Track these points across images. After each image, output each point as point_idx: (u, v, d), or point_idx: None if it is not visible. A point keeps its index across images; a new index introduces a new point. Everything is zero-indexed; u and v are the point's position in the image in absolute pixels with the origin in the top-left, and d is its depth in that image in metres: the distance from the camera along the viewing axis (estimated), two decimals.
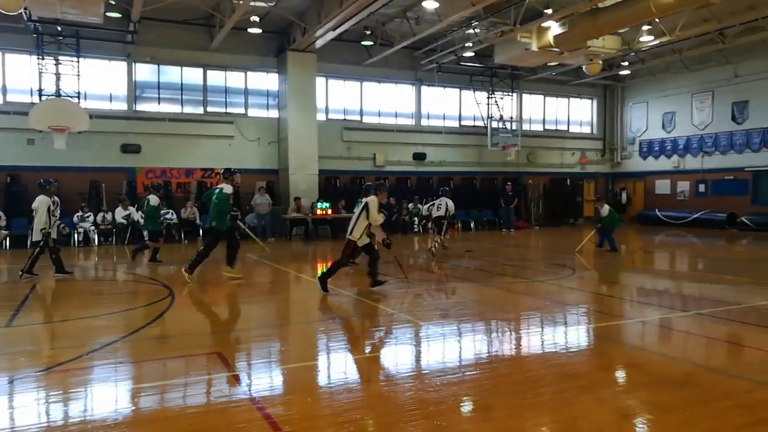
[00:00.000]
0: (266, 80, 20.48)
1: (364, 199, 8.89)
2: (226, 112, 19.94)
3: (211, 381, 4.70)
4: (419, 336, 6.30)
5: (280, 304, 8.74)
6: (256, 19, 16.61)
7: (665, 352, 5.81)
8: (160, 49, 18.57)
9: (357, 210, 8.95)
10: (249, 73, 20.23)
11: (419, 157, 22.86)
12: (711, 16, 17.00)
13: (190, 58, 19.09)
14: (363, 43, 20.20)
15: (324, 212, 18.34)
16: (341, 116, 21.86)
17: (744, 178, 21.47)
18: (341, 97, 21.86)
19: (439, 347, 5.90)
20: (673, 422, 3.81)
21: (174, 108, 19.27)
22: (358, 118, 22.14)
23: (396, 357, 5.57)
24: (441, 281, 10.45)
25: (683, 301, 8.69)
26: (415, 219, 20.48)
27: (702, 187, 23.20)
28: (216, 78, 19.88)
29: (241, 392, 4.44)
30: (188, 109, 19.48)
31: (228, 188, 9.75)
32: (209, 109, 19.73)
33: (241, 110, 20.24)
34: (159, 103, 19.07)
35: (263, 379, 4.85)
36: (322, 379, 4.93)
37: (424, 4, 15.87)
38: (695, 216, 21.51)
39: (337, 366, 5.34)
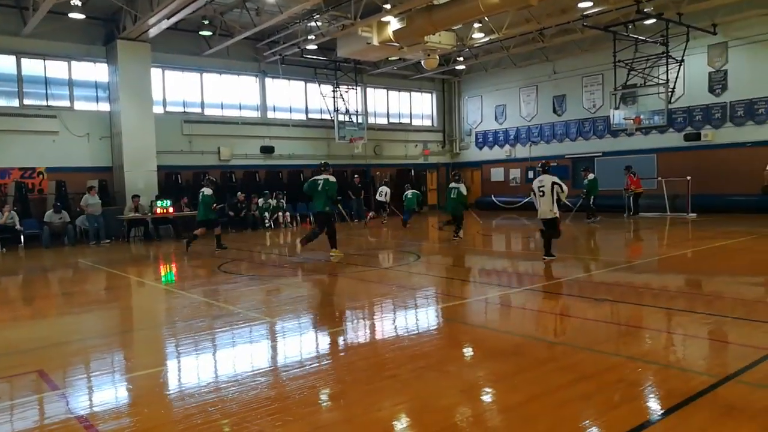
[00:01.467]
0: (94, 71, 18.81)
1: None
2: (47, 105, 18.01)
3: (30, 403, 4.22)
4: (268, 333, 6.19)
5: (116, 312, 8.10)
6: (78, 2, 15.14)
7: (500, 327, 6.29)
8: None
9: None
10: (73, 63, 18.44)
11: (267, 150, 22.47)
12: (531, 17, 18.62)
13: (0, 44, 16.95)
14: (201, 33, 19.32)
15: (165, 211, 17.29)
16: (181, 109, 20.77)
17: (565, 164, 23.86)
18: (180, 89, 20.75)
19: (289, 342, 5.84)
20: (505, 389, 4.14)
21: None
22: (199, 110, 21.18)
23: (242, 356, 5.42)
24: (292, 275, 10.36)
25: (517, 279, 9.45)
26: (266, 214, 20.09)
27: (531, 174, 25.39)
28: (33, 67, 17.86)
29: (65, 411, 4.03)
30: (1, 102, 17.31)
31: (332, 177, 11.71)
32: (26, 101, 17.69)
33: (66, 103, 18.41)
34: None
35: (95, 394, 4.46)
36: (162, 388, 4.64)
37: None
38: (526, 200, 23.46)
39: (180, 372, 5.07)
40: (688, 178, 17.37)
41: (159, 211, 17.20)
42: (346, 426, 3.61)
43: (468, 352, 5.32)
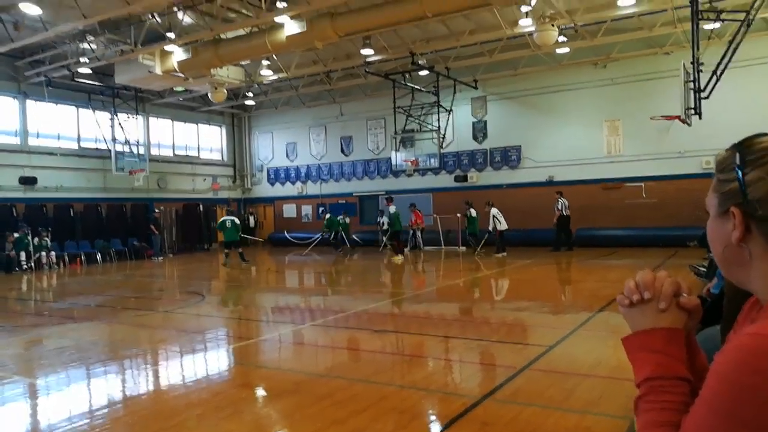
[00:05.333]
0: None
1: None
2: None
3: None
4: (18, 394, 5.34)
5: None
6: None
7: (281, 365, 6.25)
8: None
9: None
10: None
11: (28, 181, 19.79)
12: (318, 59, 19.40)
13: None
14: None
15: None
16: None
17: (353, 201, 24.95)
18: None
19: (46, 402, 5.10)
20: (284, 428, 4.11)
21: None
22: None
23: None
24: (56, 324, 9.14)
25: (301, 314, 9.51)
26: (23, 254, 17.56)
27: (321, 210, 26.06)
28: None
29: None
30: None
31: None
32: None
33: None
34: None
35: None
36: None
37: (22, 6, 13.74)
38: (318, 236, 23.97)
39: None
40: (459, 215, 19.34)
41: None
42: None
43: (251, 393, 5.17)
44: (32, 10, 13.86)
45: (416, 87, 20.25)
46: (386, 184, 24.26)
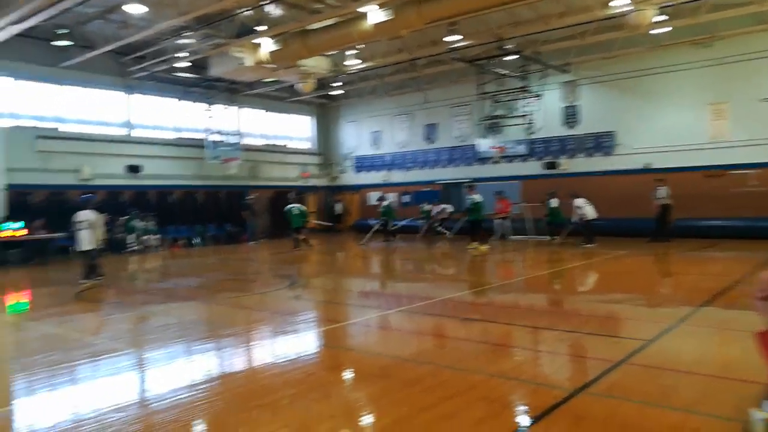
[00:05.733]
0: None
1: None
2: None
3: None
4: (134, 364, 5.77)
5: None
6: None
7: (372, 349, 6.35)
8: None
9: None
10: None
11: (133, 169, 21.19)
12: (404, 47, 19.38)
13: None
14: (55, 43, 17.86)
15: (14, 234, 15.66)
16: (34, 123, 19.04)
17: (437, 189, 24.84)
18: (34, 101, 19.05)
19: (158, 373, 5.48)
20: (374, 411, 4.19)
21: None
22: (55, 125, 19.55)
23: (102, 391, 4.99)
24: (161, 302, 9.77)
25: (387, 300, 9.62)
26: (132, 236, 18.87)
27: (406, 198, 26.15)
28: None
29: None
30: None
31: (479, 196, 16.00)
32: None
33: None
34: None
35: None
36: (11, 429, 4.16)
37: (126, 7, 14.64)
38: (402, 223, 24.09)
39: (32, 411, 4.56)
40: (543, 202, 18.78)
41: (6, 234, 15.55)
42: None
43: (342, 376, 5.31)
44: (137, 10, 14.74)
45: (503, 72, 19.80)
46: (471, 171, 23.96)
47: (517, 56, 19.09)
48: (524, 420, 3.97)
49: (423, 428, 3.82)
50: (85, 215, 10.78)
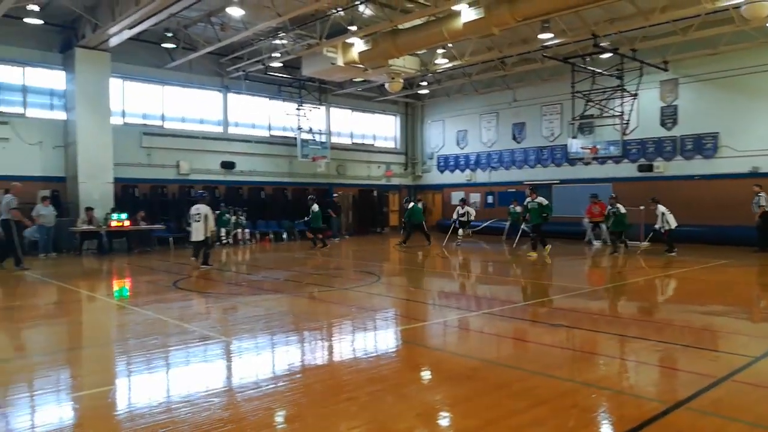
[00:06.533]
0: (50, 78, 18.31)
1: None
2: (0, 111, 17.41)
3: None
4: (222, 352, 6.06)
5: (64, 328, 7.80)
6: (36, 8, 14.78)
7: (458, 350, 6.31)
8: None
9: None
10: (28, 69, 17.91)
11: (228, 165, 22.21)
12: (493, 46, 19.10)
13: None
14: (163, 45, 19.06)
15: (120, 224, 16.84)
16: (140, 121, 20.37)
17: (523, 190, 24.26)
18: (140, 100, 20.39)
19: (243, 362, 5.72)
20: (461, 413, 4.15)
21: None
22: (159, 123, 20.82)
23: (197, 376, 5.28)
24: (251, 294, 10.19)
25: (475, 302, 9.53)
26: (223, 230, 19.76)
27: (490, 198, 25.79)
28: None
29: (14, 430, 3.85)
30: None
31: (544, 200, 15.27)
32: None
33: (19, 109, 17.83)
34: None
35: (40, 414, 4.27)
36: (113, 407, 4.48)
37: (228, 10, 15.45)
38: (486, 224, 23.78)
39: (132, 391, 4.90)
40: (641, 207, 17.91)
41: (114, 224, 16.73)
42: None
43: (425, 375, 5.32)
44: (236, 12, 15.45)
45: (597, 70, 19.05)
46: (560, 172, 23.27)
47: (613, 54, 18.32)
48: (618, 431, 3.82)
49: (516, 430, 3.75)
50: (200, 209, 12.35)
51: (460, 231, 19.84)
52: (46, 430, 3.90)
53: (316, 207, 18.16)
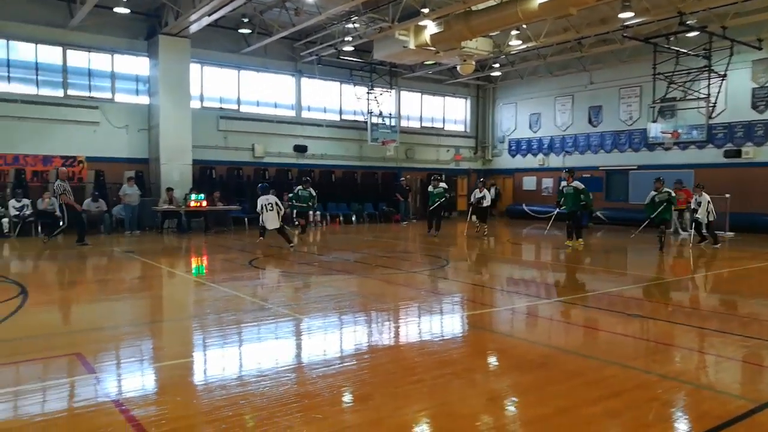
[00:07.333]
0: (135, 64, 19.22)
1: None
2: (90, 96, 18.46)
3: (69, 384, 4.34)
4: (295, 329, 6.25)
5: (149, 301, 8.28)
6: None
7: (528, 337, 6.23)
8: (9, 23, 16.78)
9: None
10: (116, 56, 18.87)
11: (300, 149, 22.66)
12: (570, 26, 18.44)
13: (48, 35, 17.42)
14: (240, 30, 19.58)
15: (198, 204, 17.57)
16: (217, 105, 21.08)
17: (599, 176, 23.50)
18: (217, 85, 21.08)
19: (316, 340, 5.88)
20: (532, 400, 4.11)
21: (27, 89, 17.49)
22: (235, 107, 21.47)
23: (272, 351, 5.48)
24: (322, 274, 10.43)
25: (545, 289, 9.36)
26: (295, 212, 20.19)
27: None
28: (78, 59, 18.32)
29: (103, 395, 4.15)
30: (45, 91, 17.77)
31: (580, 184, 14.31)
32: (70, 92, 18.15)
33: (108, 95, 18.85)
34: (9, 83, 17.21)
35: (128, 380, 4.57)
36: (193, 378, 4.74)
37: None
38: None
39: (210, 363, 5.15)
40: (727, 195, 16.96)
41: (192, 204, 17.48)
42: (373, 428, 3.63)
43: (494, 361, 5.29)
44: None
45: (682, 51, 18.05)
46: (638, 158, 22.32)
47: (700, 32, 17.29)
48: (699, 428, 3.67)
49: (586, 423, 3.69)
50: (270, 198, 13.16)
51: (473, 218, 17.91)
52: (132, 395, 4.16)
53: (305, 190, 17.31)
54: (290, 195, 17.91)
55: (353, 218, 22.58)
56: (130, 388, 4.36)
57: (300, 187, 17.39)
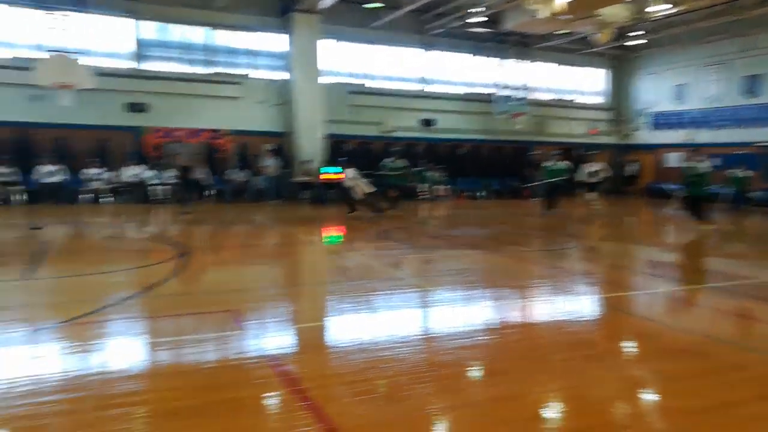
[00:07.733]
0: (273, 41, 20.19)
1: None
2: (233, 73, 19.72)
3: (225, 338, 4.74)
4: (428, 301, 6.34)
5: (289, 267, 8.79)
6: None
7: (675, 323, 5.83)
8: (165, 7, 18.29)
9: None
10: (256, 34, 19.94)
11: (427, 123, 22.68)
12: None
13: (196, 17, 18.80)
14: (368, 6, 19.77)
15: (330, 177, 18.22)
16: (347, 80, 21.60)
17: (755, 152, 21.25)
18: (347, 60, 21.58)
19: (448, 312, 5.93)
20: (682, 392, 3.83)
21: (181, 67, 19.05)
22: (363, 81, 21.88)
23: (406, 320, 5.61)
24: (450, 248, 10.45)
25: (693, 273, 8.70)
26: (425, 185, 20.37)
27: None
28: (223, 38, 19.61)
29: (255, 350, 4.49)
30: (195, 69, 19.26)
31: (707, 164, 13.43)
32: (216, 69, 19.51)
33: (249, 71, 20.01)
34: (166, 62, 18.84)
35: (276, 338, 4.90)
36: (334, 340, 4.99)
37: None
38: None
39: (348, 327, 5.39)
40: None
41: (327, 176, 18.15)
42: (510, 403, 3.60)
43: (634, 345, 5.02)
44: None
45: None
46: None
47: None
48: None
49: (744, 422, 3.40)
50: (354, 173, 14.24)
51: (592, 194, 17.04)
52: (273, 353, 4.43)
53: (395, 162, 16.81)
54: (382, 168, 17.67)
55: (482, 193, 22.33)
56: (269, 346, 4.63)
57: (390, 159, 17.10)
